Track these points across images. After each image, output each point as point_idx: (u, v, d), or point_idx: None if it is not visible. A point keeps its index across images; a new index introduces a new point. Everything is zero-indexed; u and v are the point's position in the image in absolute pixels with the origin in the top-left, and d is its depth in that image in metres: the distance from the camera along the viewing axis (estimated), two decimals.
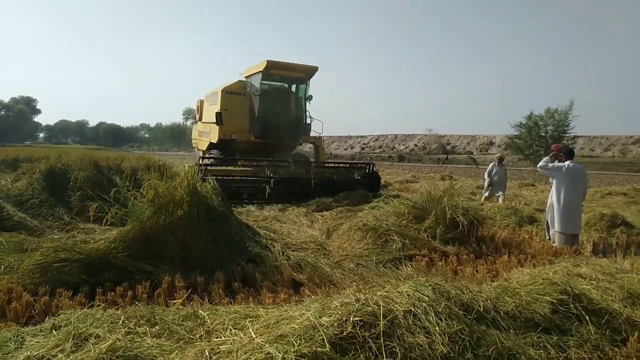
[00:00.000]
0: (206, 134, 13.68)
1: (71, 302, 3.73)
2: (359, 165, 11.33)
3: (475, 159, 39.46)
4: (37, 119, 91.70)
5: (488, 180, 11.41)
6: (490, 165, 11.63)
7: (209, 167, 9.05)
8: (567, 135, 29.07)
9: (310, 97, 12.64)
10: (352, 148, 64.83)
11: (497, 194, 11.16)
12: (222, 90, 12.36)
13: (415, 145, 59.97)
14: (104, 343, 2.24)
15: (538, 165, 7.07)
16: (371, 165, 11.18)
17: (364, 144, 66.40)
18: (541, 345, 2.81)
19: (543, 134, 28.77)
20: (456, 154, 49.12)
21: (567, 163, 6.56)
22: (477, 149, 53.81)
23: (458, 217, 6.33)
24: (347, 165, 11.84)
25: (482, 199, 11.35)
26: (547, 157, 7.01)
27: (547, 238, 6.95)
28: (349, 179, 10.59)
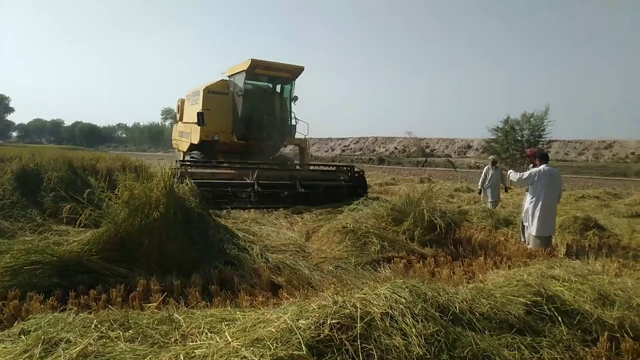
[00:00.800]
0: (187, 134, 13.37)
1: (42, 306, 3.63)
2: (345, 168, 10.91)
3: (453, 162, 39.99)
4: (10, 117, 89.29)
5: (480, 187, 10.86)
6: (485, 168, 10.79)
7: (188, 170, 8.68)
8: (543, 139, 29.71)
9: (296, 98, 12.39)
10: (332, 150, 65.00)
11: (490, 200, 10.55)
12: (204, 90, 12.03)
13: (395, 148, 60.50)
14: (75, 348, 2.18)
15: (514, 180, 7.07)
16: (353, 167, 10.83)
17: (345, 146, 66.67)
18: (515, 346, 2.85)
19: (519, 138, 29.34)
20: (435, 157, 49.72)
21: (542, 167, 6.65)
22: (455, 152, 54.61)
23: (436, 219, 6.40)
24: (333, 168, 11.51)
25: (489, 205, 10.37)
26: (512, 171, 7.12)
27: (523, 240, 7.07)
28: (335, 183, 10.31)
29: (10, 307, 3.58)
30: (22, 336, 2.62)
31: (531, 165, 7.01)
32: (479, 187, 10.94)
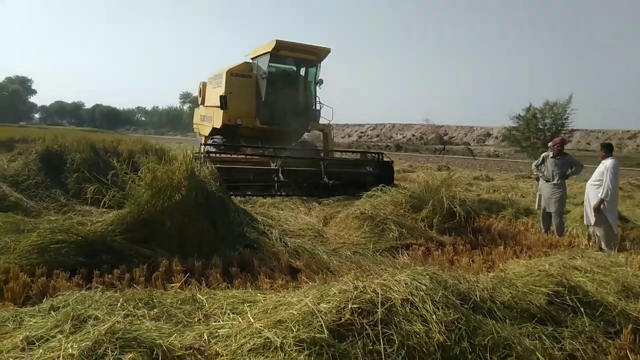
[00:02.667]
0: (209, 118, 13.21)
1: (68, 283, 3.73)
2: (372, 156, 10.48)
3: (472, 150, 39.52)
4: (33, 99, 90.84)
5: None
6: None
7: (211, 154, 8.47)
8: (565, 128, 29.10)
9: (321, 82, 12.02)
10: (349, 137, 64.68)
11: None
12: (226, 72, 11.83)
13: (413, 135, 59.92)
14: (103, 325, 2.24)
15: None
16: (381, 155, 10.28)
17: (362, 132, 66.25)
18: (536, 335, 2.84)
19: (541, 127, 28.76)
20: (453, 145, 49.15)
21: (613, 160, 6.07)
22: (474, 140, 53.85)
23: (455, 207, 6.36)
24: (359, 155, 11.05)
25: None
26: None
27: (543, 231, 6.96)
28: (361, 171, 10.02)
29: (38, 283, 3.69)
30: (52, 312, 2.71)
31: (554, 155, 6.82)
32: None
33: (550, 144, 7.28)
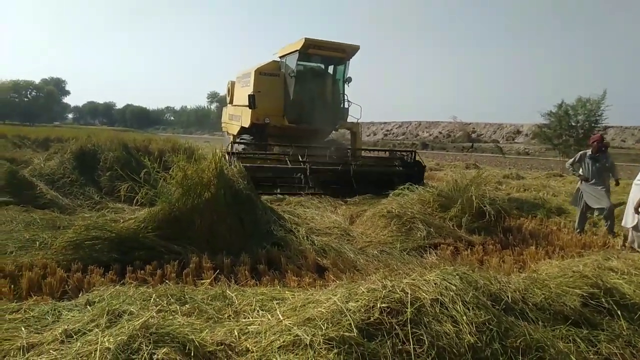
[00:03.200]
0: (237, 117, 13.28)
1: (103, 279, 3.84)
2: (400, 153, 10.40)
3: (501, 148, 38.72)
4: (66, 100, 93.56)
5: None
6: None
7: (240, 154, 8.49)
8: (599, 125, 28.16)
9: (349, 80, 11.86)
10: (374, 135, 64.32)
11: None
12: (255, 71, 11.83)
13: (440, 132, 59.09)
14: (138, 320, 2.30)
15: None
16: (413, 153, 10.23)
17: (387, 130, 65.76)
18: (571, 338, 2.77)
19: (573, 124, 27.93)
20: (482, 143, 48.26)
21: None
22: (503, 137, 52.72)
23: (485, 206, 6.25)
24: (388, 154, 10.88)
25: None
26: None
27: (578, 231, 6.77)
28: (390, 170, 9.93)
29: (74, 279, 3.81)
30: (88, 307, 2.80)
31: (592, 153, 6.62)
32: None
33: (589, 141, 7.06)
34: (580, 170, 6.84)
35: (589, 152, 6.76)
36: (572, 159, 7.00)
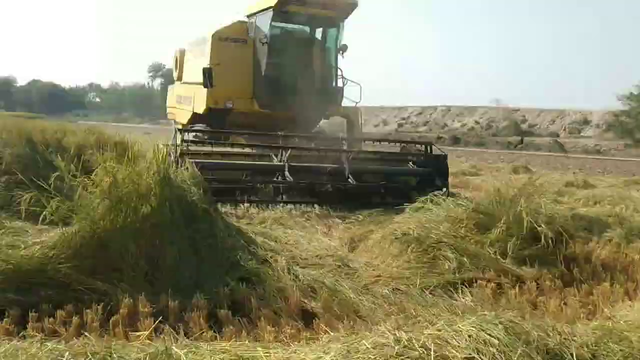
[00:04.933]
0: (188, 99, 13.31)
1: None
2: (415, 146, 10.52)
3: (562, 144, 39.06)
4: None
5: None
6: None
7: (190, 148, 8.55)
8: None
9: (345, 48, 12.03)
10: (385, 125, 64.64)
11: None
12: (213, 36, 11.95)
13: (477, 122, 59.58)
14: None
15: None
16: (430, 146, 10.09)
17: (403, 118, 66.17)
18: None
19: None
20: (535, 137, 48.70)
21: None
22: (565, 129, 53.28)
23: (540, 226, 6.27)
24: (400, 147, 10.78)
25: None
26: None
27: None
28: (401, 169, 10.05)
29: None
30: None
31: None
32: None
33: None
34: None
35: None
36: None
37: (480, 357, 2.62)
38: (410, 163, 10.06)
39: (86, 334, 3.63)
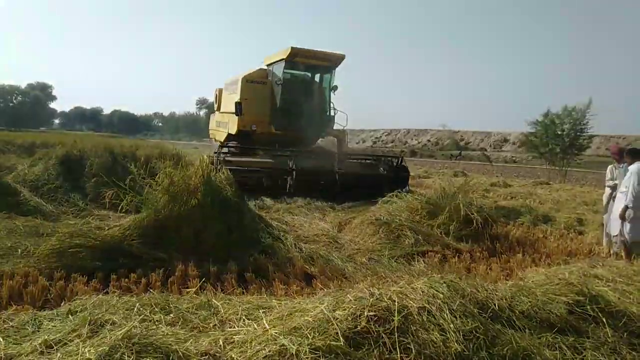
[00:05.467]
0: (224, 124, 13.30)
1: (86, 287, 3.78)
2: (385, 158, 10.66)
3: (488, 156, 39.06)
4: (53, 105, 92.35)
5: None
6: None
7: (226, 158, 8.75)
8: (584, 134, 28.57)
9: (335, 88, 12.00)
10: (363, 142, 64.53)
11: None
12: (242, 79, 11.88)
13: (428, 140, 59.60)
14: (120, 330, 2.25)
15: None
16: (400, 158, 10.53)
17: (376, 138, 66.11)
18: (557, 346, 2.77)
19: (560, 132, 28.28)
20: (470, 150, 48.71)
21: (638, 164, 5.67)
22: (490, 145, 53.33)
23: (472, 214, 6.28)
24: (373, 158, 11.16)
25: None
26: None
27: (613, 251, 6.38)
28: (375, 173, 10.16)
29: (57, 287, 3.74)
30: (70, 316, 2.74)
31: (616, 163, 6.52)
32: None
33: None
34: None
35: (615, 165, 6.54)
36: (608, 175, 6.63)
37: (430, 306, 2.61)
38: (382, 169, 10.17)
39: (151, 290, 3.62)
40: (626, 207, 5.57)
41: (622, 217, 5.59)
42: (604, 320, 3.08)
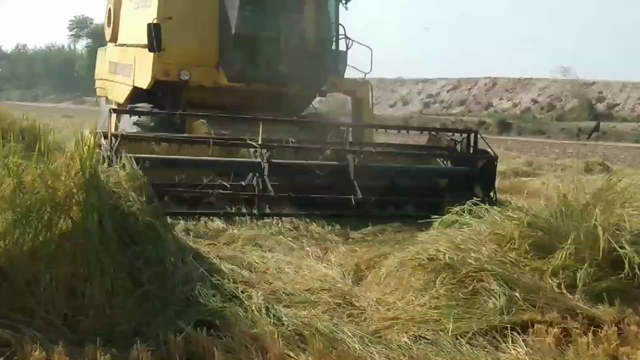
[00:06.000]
0: (127, 69, 13.33)
1: None
2: (446, 136, 10.69)
3: None
4: None
5: None
6: None
7: (130, 136, 8.79)
8: None
9: None
10: (404, 104, 64.71)
11: None
12: None
13: (534, 101, 59.66)
14: None
15: None
16: (474, 135, 10.34)
17: (431, 95, 66.25)
18: None
19: None
20: (616, 121, 48.80)
21: None
22: None
23: (623, 248, 6.29)
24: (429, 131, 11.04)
25: None
26: None
27: None
28: (426, 167, 10.36)
29: None
30: None
31: None
32: None
33: None
34: None
35: None
36: None
37: None
38: (441, 160, 10.13)
39: None
40: None
41: None
42: None
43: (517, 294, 5.93)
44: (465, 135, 10.31)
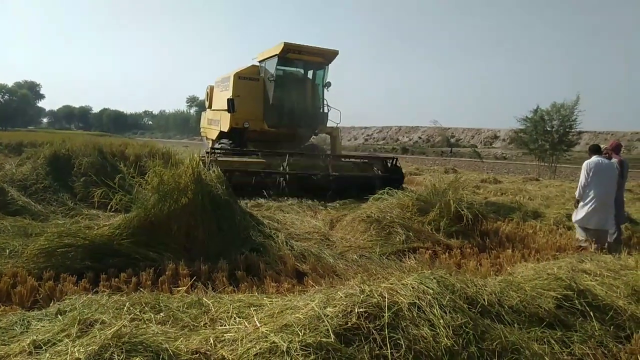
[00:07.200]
0: (216, 122, 13.18)
1: (75, 287, 3.75)
2: (380, 159, 10.66)
3: (479, 153, 39.30)
4: (41, 104, 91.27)
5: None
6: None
7: (218, 158, 8.67)
8: (573, 130, 28.86)
9: (329, 84, 11.95)
10: (355, 139, 64.57)
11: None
12: (234, 75, 11.80)
13: (420, 137, 59.73)
14: (110, 329, 2.24)
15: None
16: (394, 159, 10.42)
17: (368, 135, 66.14)
18: (545, 340, 2.82)
19: (549, 129, 28.51)
20: (460, 147, 48.94)
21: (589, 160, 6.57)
22: (481, 142, 53.61)
23: (462, 210, 6.31)
24: (367, 159, 11.20)
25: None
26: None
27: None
28: (369, 174, 10.06)
29: (46, 287, 3.71)
30: (59, 316, 2.72)
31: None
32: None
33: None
34: None
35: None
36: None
37: (420, 302, 2.64)
38: (376, 169, 10.18)
39: (141, 289, 3.61)
40: (576, 200, 6.42)
41: (575, 206, 6.46)
42: (591, 314, 3.14)
43: (410, 234, 5.93)
44: (391, 158, 10.45)
